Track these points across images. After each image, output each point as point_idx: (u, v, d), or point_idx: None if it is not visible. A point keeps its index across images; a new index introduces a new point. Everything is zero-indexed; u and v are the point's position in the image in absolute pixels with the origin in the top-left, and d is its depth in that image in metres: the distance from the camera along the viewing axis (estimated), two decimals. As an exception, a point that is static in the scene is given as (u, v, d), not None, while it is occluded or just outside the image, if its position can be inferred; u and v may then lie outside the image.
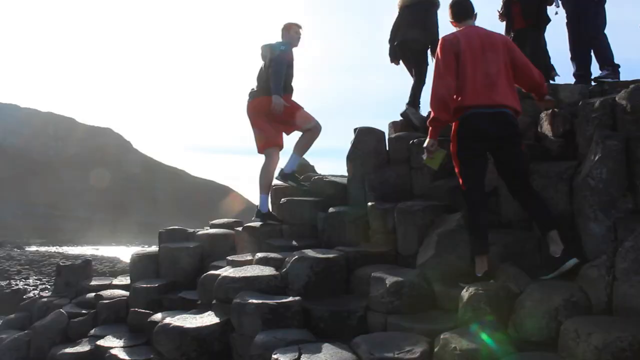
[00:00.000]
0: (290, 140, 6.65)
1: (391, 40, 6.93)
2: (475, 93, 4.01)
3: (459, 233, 4.44)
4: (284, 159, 6.68)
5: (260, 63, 6.50)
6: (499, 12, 6.78)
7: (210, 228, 7.33)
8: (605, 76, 5.78)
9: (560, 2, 6.28)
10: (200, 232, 7.01)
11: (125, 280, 7.20)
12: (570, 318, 3.23)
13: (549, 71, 6.53)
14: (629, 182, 3.69)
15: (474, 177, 4.08)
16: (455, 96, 4.10)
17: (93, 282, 7.41)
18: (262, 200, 6.38)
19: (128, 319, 5.81)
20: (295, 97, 6.49)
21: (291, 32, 6.46)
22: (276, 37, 6.49)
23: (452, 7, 4.49)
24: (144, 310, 5.65)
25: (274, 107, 6.04)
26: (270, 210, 6.50)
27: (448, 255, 4.43)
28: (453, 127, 4.18)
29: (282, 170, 6.43)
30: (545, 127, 4.75)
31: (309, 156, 7.35)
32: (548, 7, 6.55)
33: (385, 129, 6.67)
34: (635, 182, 3.66)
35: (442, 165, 4.46)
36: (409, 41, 6.56)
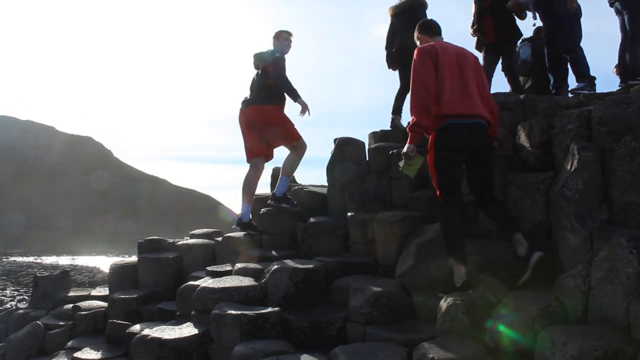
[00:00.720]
0: (280, 151, 6.69)
1: (388, 47, 6.98)
2: (452, 102, 4.05)
3: (437, 243, 4.44)
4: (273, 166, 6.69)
5: (253, 72, 6.55)
6: (472, 28, 6.88)
7: (190, 238, 7.29)
8: (582, 88, 5.88)
9: (537, 15, 6.38)
10: (179, 243, 6.97)
11: (104, 291, 7.14)
12: (547, 327, 3.26)
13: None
14: (604, 193, 3.74)
15: (450, 188, 4.09)
16: None
17: (71, 293, 7.35)
18: (245, 209, 6.37)
19: (106, 331, 5.73)
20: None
21: (281, 40, 6.49)
22: (259, 45, 6.54)
23: (425, 24, 4.65)
24: (122, 322, 5.59)
25: (303, 111, 6.17)
26: (251, 219, 6.49)
27: (427, 266, 4.45)
28: (430, 138, 4.18)
29: (273, 194, 6.41)
30: (523, 138, 4.80)
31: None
32: (519, 21, 6.71)
33: (365, 139, 6.72)
34: (610, 192, 3.70)
35: (420, 174, 4.45)
36: (410, 47, 6.60)
